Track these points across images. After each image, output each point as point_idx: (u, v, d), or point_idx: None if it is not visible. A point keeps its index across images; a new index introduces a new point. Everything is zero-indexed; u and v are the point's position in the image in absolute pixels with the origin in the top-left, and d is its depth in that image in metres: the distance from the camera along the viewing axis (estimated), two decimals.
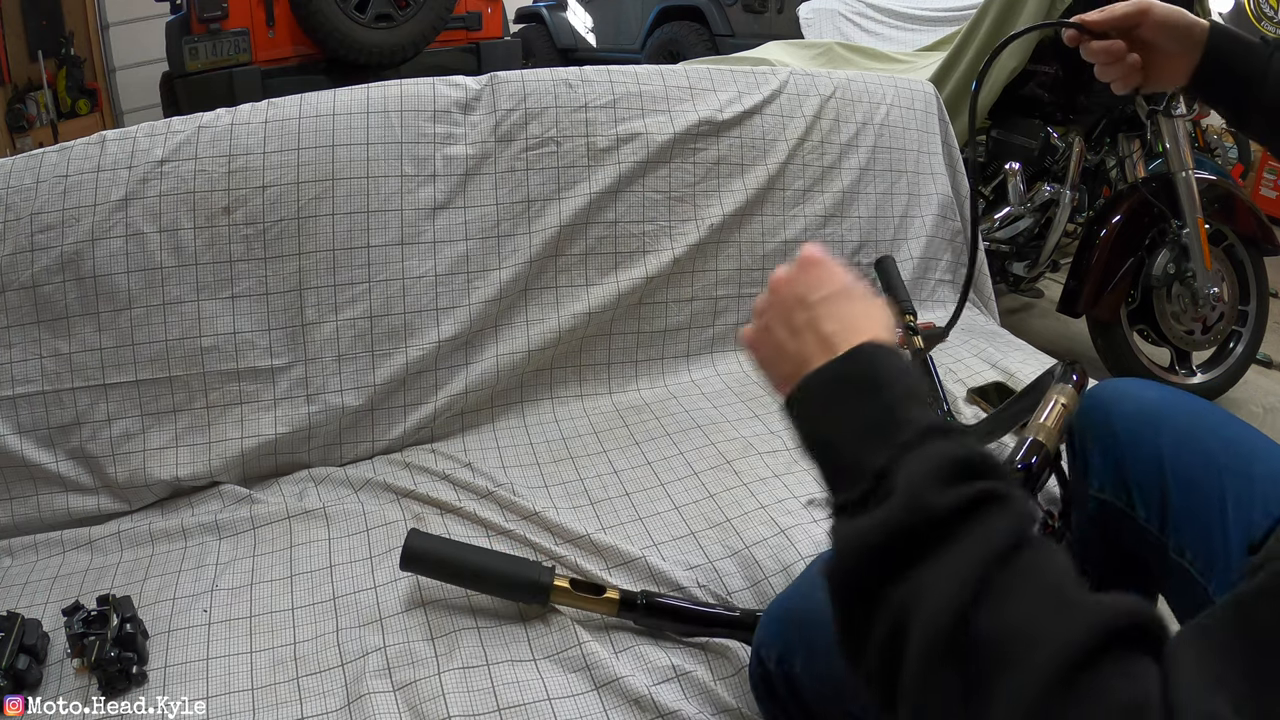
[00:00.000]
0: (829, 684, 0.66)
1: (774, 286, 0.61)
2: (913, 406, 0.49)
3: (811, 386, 0.54)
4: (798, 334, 0.57)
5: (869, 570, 0.43)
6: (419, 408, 1.25)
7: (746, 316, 1.47)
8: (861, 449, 0.48)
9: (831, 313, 0.56)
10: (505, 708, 0.81)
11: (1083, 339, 2.28)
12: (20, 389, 1.10)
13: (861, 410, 0.50)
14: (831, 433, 0.51)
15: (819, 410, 0.53)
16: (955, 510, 0.42)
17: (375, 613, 0.93)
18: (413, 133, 1.27)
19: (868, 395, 0.51)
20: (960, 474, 0.44)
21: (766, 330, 0.59)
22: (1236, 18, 3.65)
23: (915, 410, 0.49)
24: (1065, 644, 0.36)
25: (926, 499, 0.43)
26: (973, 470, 0.44)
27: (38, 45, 4.12)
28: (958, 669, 0.39)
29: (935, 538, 0.42)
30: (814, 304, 0.57)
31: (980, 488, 0.43)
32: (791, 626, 0.69)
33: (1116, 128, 2.14)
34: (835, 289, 0.58)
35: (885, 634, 0.42)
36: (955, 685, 0.39)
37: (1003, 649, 0.38)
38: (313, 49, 3.67)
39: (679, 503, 1.09)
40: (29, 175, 1.13)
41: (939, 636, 0.39)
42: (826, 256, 0.61)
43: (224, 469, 1.16)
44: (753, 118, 1.48)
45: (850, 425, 0.50)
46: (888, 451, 0.46)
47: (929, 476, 0.44)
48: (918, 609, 0.40)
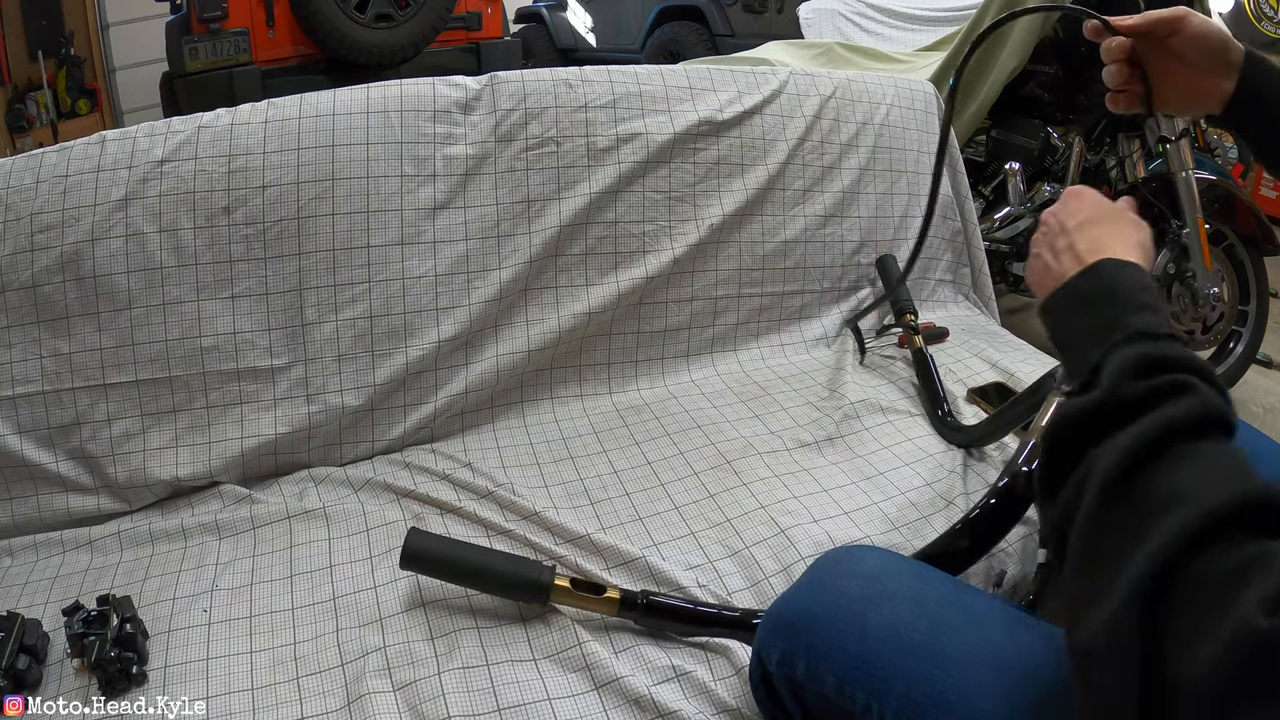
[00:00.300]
0: (830, 687, 0.66)
1: (1043, 219, 0.70)
2: (1133, 314, 0.56)
3: (1058, 298, 0.62)
4: (1059, 256, 0.65)
5: (1073, 437, 0.51)
6: (419, 408, 1.25)
7: (747, 316, 1.48)
8: (1086, 349, 0.56)
9: (1085, 235, 0.65)
10: (505, 708, 0.81)
11: None
12: (20, 389, 1.10)
13: (1089, 317, 0.59)
14: (1069, 335, 0.60)
15: (1060, 318, 0.62)
16: (1145, 396, 0.49)
17: (375, 613, 0.92)
18: (413, 133, 1.27)
19: (1096, 304, 0.59)
20: (1154, 368, 0.51)
21: (1037, 257, 0.68)
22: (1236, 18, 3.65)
23: (1134, 316, 0.55)
24: (1210, 504, 0.42)
25: (1121, 388, 0.50)
26: (1167, 366, 0.51)
27: (38, 45, 4.12)
28: (1122, 510, 0.46)
29: (1127, 415, 0.49)
30: (1072, 230, 0.66)
31: (1169, 379, 0.49)
32: (793, 629, 0.69)
33: (1116, 128, 2.14)
34: (1090, 214, 0.67)
35: (1075, 483, 0.49)
36: (1117, 523, 0.46)
37: (1162, 500, 0.44)
38: (313, 49, 3.67)
39: (679, 503, 1.09)
40: (29, 175, 1.13)
41: (1110, 478, 0.46)
42: (1088, 189, 0.70)
43: (224, 469, 1.16)
44: (753, 118, 1.48)
45: (1081, 329, 0.59)
46: (1101, 350, 0.54)
47: (1127, 370, 0.51)
48: (1101, 459, 0.48)
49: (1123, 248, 0.63)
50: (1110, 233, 0.65)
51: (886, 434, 1.25)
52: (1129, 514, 0.46)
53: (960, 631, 0.64)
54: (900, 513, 1.07)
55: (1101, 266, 0.61)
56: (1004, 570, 1.03)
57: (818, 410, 1.30)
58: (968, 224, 1.72)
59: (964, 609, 0.67)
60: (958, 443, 1.21)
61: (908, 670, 0.63)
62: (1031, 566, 1.06)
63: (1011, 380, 1.37)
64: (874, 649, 0.64)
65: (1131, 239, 0.64)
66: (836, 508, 1.07)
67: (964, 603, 0.68)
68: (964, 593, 0.70)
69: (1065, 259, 0.64)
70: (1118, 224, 0.66)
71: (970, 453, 1.19)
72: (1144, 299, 0.57)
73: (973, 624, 0.65)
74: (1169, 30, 0.77)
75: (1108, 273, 0.60)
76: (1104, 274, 0.61)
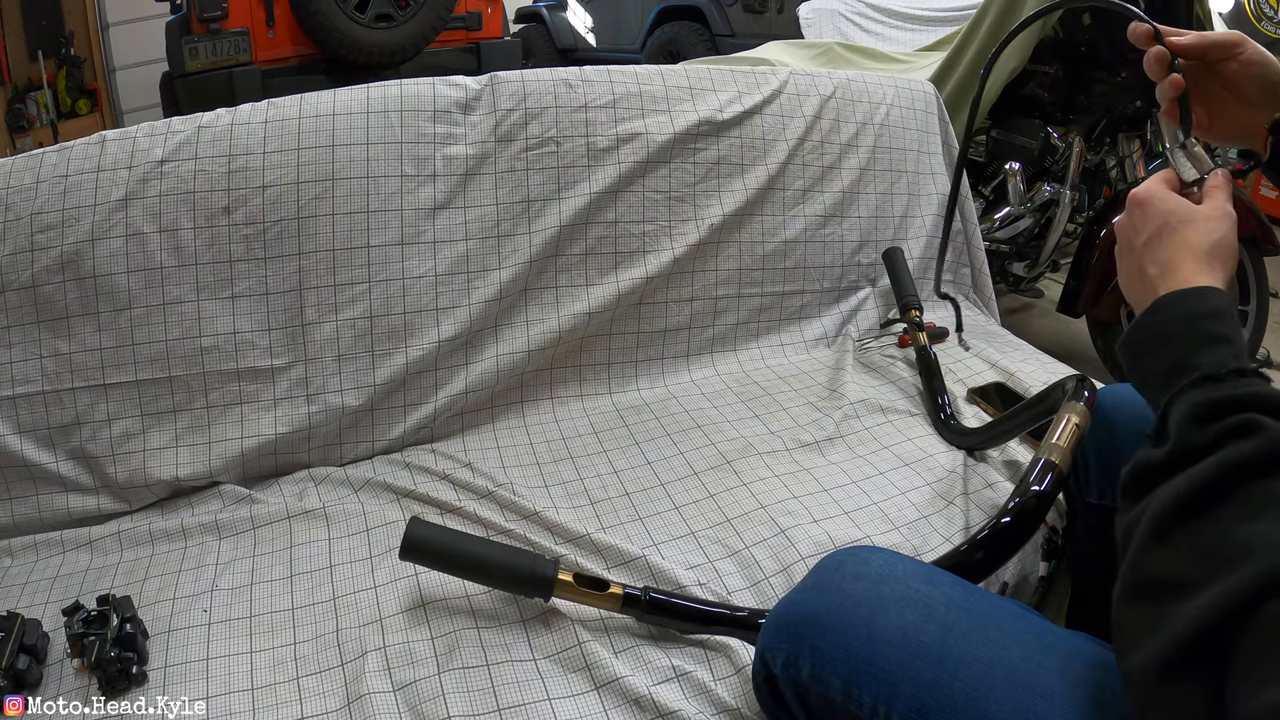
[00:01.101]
0: (837, 690, 0.65)
1: (1117, 232, 0.67)
2: (1197, 352, 0.55)
3: (1129, 340, 0.61)
4: (1133, 281, 0.64)
5: (1147, 487, 0.51)
6: (419, 408, 1.25)
7: (747, 316, 1.48)
8: (1156, 394, 0.56)
9: (1154, 255, 0.62)
10: (505, 708, 0.81)
11: (1083, 339, 2.28)
12: (20, 389, 1.10)
13: (1156, 361, 0.58)
14: (1141, 379, 0.59)
15: (1132, 362, 0.60)
16: (1210, 443, 0.49)
17: (375, 613, 0.92)
18: (413, 133, 1.27)
19: (1160, 347, 0.57)
20: (1218, 412, 0.50)
21: (1122, 273, 0.66)
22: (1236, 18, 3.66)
23: (1199, 356, 0.54)
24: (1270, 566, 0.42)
25: (1189, 437, 0.51)
26: (1231, 408, 0.50)
27: (38, 45, 4.12)
28: (1183, 548, 0.47)
29: (1196, 461, 0.49)
30: (1140, 249, 0.63)
31: (1236, 420, 0.49)
32: (799, 631, 0.69)
33: (1116, 128, 2.14)
34: (1156, 227, 0.63)
35: (1134, 515, 0.51)
36: (1176, 560, 0.47)
37: (1233, 545, 0.45)
38: (313, 49, 3.67)
39: (679, 503, 1.09)
40: (29, 175, 1.13)
41: (1164, 513, 0.48)
42: (1148, 194, 0.65)
43: (224, 469, 1.16)
44: (753, 118, 1.48)
45: (1151, 374, 0.58)
46: (1168, 396, 0.54)
47: (1192, 418, 0.51)
48: (1157, 498, 0.49)
49: (1192, 265, 0.59)
50: (1180, 247, 0.61)
51: (886, 434, 1.25)
52: (1194, 554, 0.46)
53: (968, 634, 0.64)
54: (900, 513, 1.07)
55: (1162, 304, 0.59)
56: (1005, 582, 1.03)
57: (818, 410, 1.30)
58: (968, 224, 1.72)
59: (971, 612, 0.66)
60: (959, 445, 1.21)
61: (915, 674, 0.62)
62: (1033, 576, 1.06)
63: (1011, 380, 1.37)
64: (881, 652, 0.64)
65: (1203, 248, 0.60)
66: (836, 508, 1.07)
67: (971, 605, 0.67)
68: (972, 595, 0.69)
69: (1138, 287, 0.62)
70: (1189, 230, 0.61)
71: (970, 453, 1.19)
72: (1210, 329, 0.55)
73: (979, 627, 0.65)
74: (1224, 55, 0.71)
75: (1168, 308, 0.58)
76: (1165, 311, 0.58)
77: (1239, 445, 0.48)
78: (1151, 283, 0.61)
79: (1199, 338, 0.55)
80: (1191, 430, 0.50)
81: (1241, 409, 0.50)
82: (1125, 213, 0.66)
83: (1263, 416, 0.49)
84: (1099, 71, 2.07)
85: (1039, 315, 2.76)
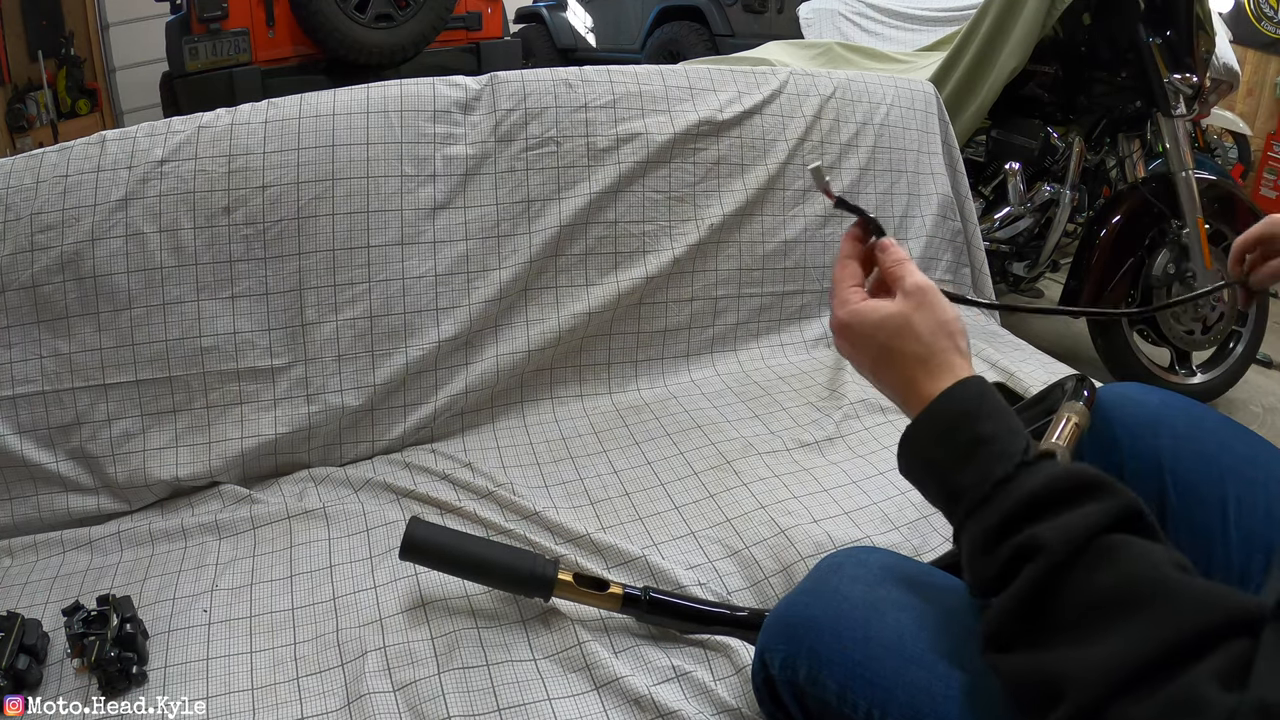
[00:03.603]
0: (832, 693, 0.65)
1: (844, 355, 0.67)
2: (960, 471, 0.55)
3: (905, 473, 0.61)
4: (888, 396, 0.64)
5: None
6: (419, 408, 1.25)
7: (747, 316, 1.48)
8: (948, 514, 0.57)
9: (887, 383, 0.62)
10: (505, 708, 0.81)
11: (1083, 339, 2.28)
12: (20, 389, 1.10)
13: (931, 492, 0.59)
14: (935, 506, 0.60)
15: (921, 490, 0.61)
16: (998, 574, 0.50)
17: (375, 613, 0.92)
18: (413, 133, 1.27)
19: (928, 476, 0.59)
20: (994, 540, 0.51)
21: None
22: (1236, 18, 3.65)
23: (960, 477, 0.55)
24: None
25: (979, 571, 0.52)
26: (1003, 532, 0.51)
27: (38, 45, 4.11)
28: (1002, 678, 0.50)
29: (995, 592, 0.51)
30: (871, 375, 0.64)
31: (1007, 550, 0.50)
32: (796, 633, 0.69)
33: (1116, 128, 2.14)
34: (872, 355, 0.63)
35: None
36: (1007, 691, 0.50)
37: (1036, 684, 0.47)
38: (313, 49, 3.67)
39: (679, 503, 1.09)
40: (29, 175, 1.13)
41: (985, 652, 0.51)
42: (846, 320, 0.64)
43: (224, 469, 1.16)
44: (753, 118, 1.48)
45: (934, 501, 0.59)
46: (956, 520, 0.55)
47: (973, 552, 0.52)
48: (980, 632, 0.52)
49: (924, 376, 0.59)
50: (904, 365, 0.60)
51: (886, 434, 1.25)
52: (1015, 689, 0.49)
53: (964, 641, 0.64)
54: (900, 513, 1.07)
55: (913, 433, 0.59)
56: None
57: (818, 410, 1.30)
58: (968, 224, 1.72)
59: (968, 615, 0.66)
60: None
61: (909, 679, 0.62)
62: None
63: (1011, 380, 1.36)
64: (876, 656, 0.64)
65: (926, 352, 0.60)
66: (837, 508, 1.07)
67: (969, 608, 0.67)
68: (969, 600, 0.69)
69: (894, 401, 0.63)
70: (904, 343, 0.60)
71: None
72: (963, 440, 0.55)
73: (976, 634, 0.65)
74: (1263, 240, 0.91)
75: (920, 434, 0.58)
76: (918, 438, 0.58)
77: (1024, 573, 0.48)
78: (902, 406, 0.60)
79: (956, 455, 0.55)
80: (977, 565, 0.51)
81: (1014, 527, 0.50)
82: (837, 337, 0.65)
83: (1038, 529, 0.49)
84: (1099, 71, 2.07)
85: (1039, 315, 2.75)
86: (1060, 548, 0.47)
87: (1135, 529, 0.49)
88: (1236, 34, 3.48)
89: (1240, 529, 0.75)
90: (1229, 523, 0.75)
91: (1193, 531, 0.78)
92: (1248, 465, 0.78)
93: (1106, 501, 0.50)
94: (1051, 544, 0.48)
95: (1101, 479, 0.51)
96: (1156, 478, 0.82)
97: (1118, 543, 0.48)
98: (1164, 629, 0.43)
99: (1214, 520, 0.76)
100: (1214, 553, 0.76)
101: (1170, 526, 0.81)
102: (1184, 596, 0.44)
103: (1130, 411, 0.89)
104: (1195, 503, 0.79)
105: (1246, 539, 0.74)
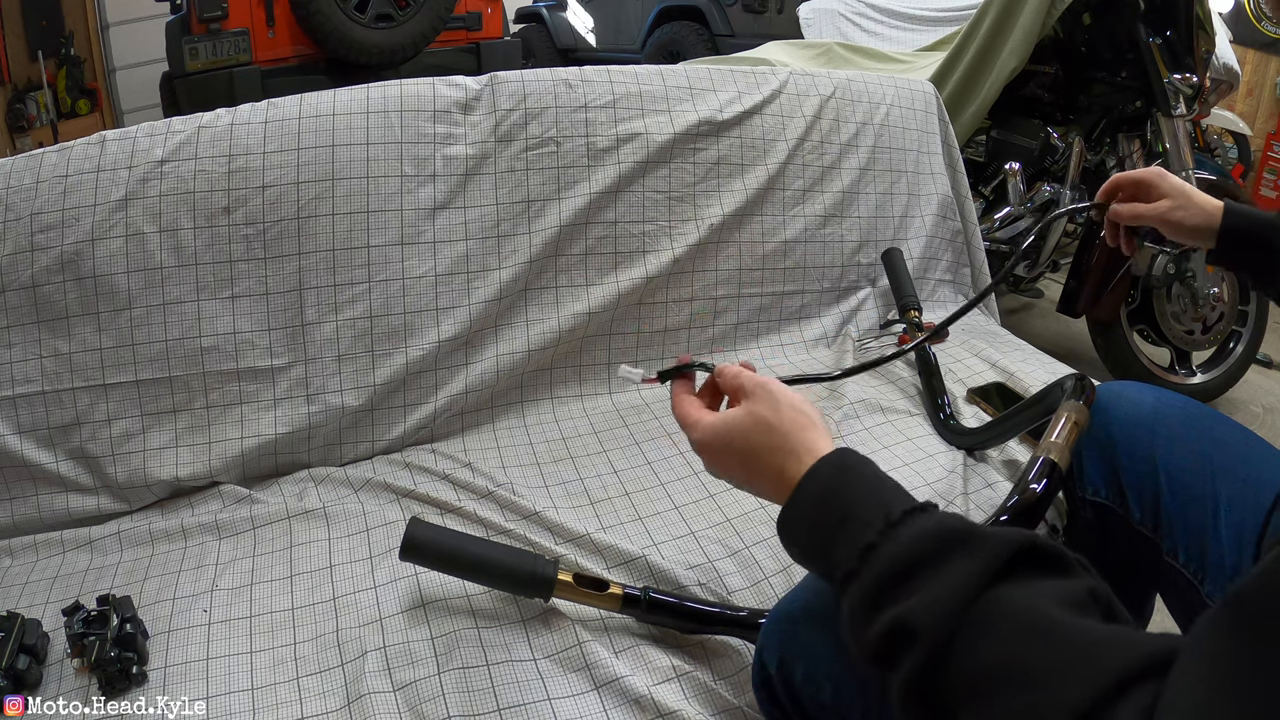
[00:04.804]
0: (828, 693, 0.65)
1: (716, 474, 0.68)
2: (830, 550, 0.55)
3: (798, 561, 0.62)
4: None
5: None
6: (419, 408, 1.25)
7: (747, 316, 1.48)
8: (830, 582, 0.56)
9: (758, 490, 0.64)
10: (505, 708, 0.81)
11: (1083, 339, 2.28)
12: (20, 389, 1.10)
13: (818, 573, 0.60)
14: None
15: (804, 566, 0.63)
16: (872, 654, 0.50)
17: (375, 613, 0.92)
18: (413, 133, 1.27)
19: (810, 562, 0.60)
20: (865, 616, 0.50)
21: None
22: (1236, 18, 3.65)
23: (832, 555, 0.54)
24: None
25: (858, 648, 0.51)
26: (871, 609, 0.50)
27: (38, 45, 4.11)
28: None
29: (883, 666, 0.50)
30: (743, 485, 0.65)
31: (876, 632, 0.49)
32: (793, 632, 0.69)
33: (1116, 128, 2.14)
34: (737, 469, 0.64)
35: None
36: None
37: None
38: (313, 49, 3.67)
39: (679, 503, 1.09)
40: (29, 175, 1.13)
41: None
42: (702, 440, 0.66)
43: (224, 469, 1.16)
44: (753, 118, 1.48)
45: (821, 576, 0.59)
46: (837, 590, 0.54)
47: (851, 629, 0.52)
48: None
49: (791, 465, 0.60)
50: (766, 468, 0.62)
51: (886, 434, 1.25)
52: None
53: None
54: None
55: (787, 517, 0.60)
56: None
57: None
58: (968, 224, 1.72)
59: None
60: (959, 445, 1.21)
61: None
62: None
63: (1011, 380, 1.37)
64: None
65: (783, 445, 0.62)
66: None
67: None
68: None
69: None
70: (762, 453, 0.62)
71: (970, 453, 1.19)
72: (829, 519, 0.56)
73: None
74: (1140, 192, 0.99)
75: (794, 518, 0.59)
76: (792, 522, 0.59)
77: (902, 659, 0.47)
78: (779, 500, 0.61)
79: (826, 532, 0.56)
80: (859, 640, 0.51)
81: (886, 599, 0.49)
82: (702, 459, 0.67)
83: (906, 608, 0.47)
84: (1099, 71, 2.08)
85: (1039, 315, 2.76)
86: (932, 631, 0.46)
87: (1023, 563, 0.47)
88: (1236, 34, 3.48)
89: (1231, 526, 0.75)
90: (1220, 520, 0.76)
91: (1187, 528, 0.79)
92: (1241, 464, 0.78)
93: (975, 554, 0.48)
94: (925, 628, 0.46)
95: (969, 528, 0.50)
96: (1151, 475, 0.83)
97: (993, 605, 0.46)
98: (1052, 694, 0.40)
99: (1207, 518, 0.77)
100: (1207, 548, 0.76)
101: (1164, 522, 0.81)
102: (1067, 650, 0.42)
103: (1126, 410, 0.89)
104: (1189, 500, 0.79)
105: (1238, 536, 0.74)
